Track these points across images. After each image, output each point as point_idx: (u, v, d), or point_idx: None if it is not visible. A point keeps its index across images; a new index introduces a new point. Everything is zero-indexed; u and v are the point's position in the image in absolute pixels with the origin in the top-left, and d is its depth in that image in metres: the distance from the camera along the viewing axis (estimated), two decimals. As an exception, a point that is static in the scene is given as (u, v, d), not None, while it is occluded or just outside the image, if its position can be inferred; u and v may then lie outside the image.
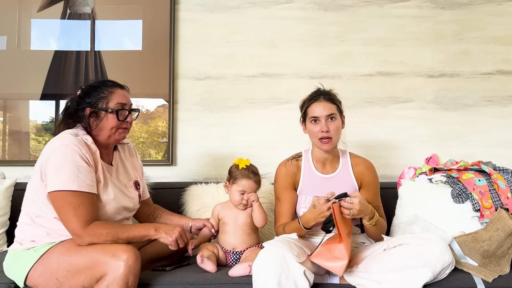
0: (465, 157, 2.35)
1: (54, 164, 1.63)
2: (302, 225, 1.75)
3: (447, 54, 2.62)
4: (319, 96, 1.88)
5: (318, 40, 2.64)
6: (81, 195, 1.62)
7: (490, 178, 2.09)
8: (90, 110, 1.74)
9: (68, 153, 1.63)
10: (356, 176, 1.93)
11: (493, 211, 1.98)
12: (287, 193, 1.93)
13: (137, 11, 2.66)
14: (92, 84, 1.81)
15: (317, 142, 1.87)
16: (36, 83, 2.62)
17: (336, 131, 1.86)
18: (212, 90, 2.65)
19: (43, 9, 2.66)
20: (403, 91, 2.62)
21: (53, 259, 1.61)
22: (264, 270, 1.53)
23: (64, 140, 1.66)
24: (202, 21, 2.66)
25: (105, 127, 1.74)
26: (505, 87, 2.59)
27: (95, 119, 1.74)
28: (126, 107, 1.78)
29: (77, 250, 1.60)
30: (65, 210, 1.60)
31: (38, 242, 1.67)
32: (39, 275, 1.62)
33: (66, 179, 1.60)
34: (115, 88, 1.78)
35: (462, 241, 1.83)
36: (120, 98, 1.76)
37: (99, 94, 1.75)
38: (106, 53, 2.64)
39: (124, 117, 1.76)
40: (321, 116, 1.84)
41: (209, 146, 2.62)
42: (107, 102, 1.74)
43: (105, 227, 1.63)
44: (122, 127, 1.78)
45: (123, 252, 1.55)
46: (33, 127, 2.64)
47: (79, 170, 1.62)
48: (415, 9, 2.63)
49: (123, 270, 1.52)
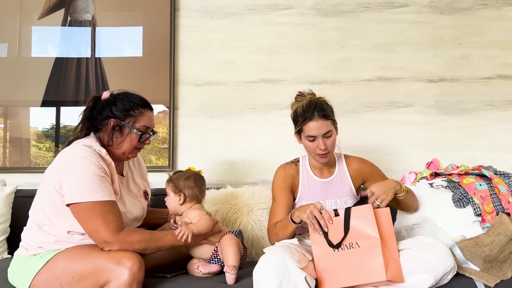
0: (466, 162, 2.35)
1: (74, 176, 1.62)
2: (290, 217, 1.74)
3: (447, 59, 2.62)
4: (313, 113, 1.82)
5: (318, 46, 2.65)
6: (108, 204, 1.62)
7: (491, 182, 2.08)
8: (115, 123, 1.73)
9: (88, 165, 1.63)
10: (352, 175, 1.95)
11: (494, 215, 1.97)
12: (284, 193, 1.93)
13: (138, 17, 2.67)
14: (123, 95, 1.78)
15: (314, 156, 1.89)
16: (37, 90, 2.63)
17: (333, 145, 1.87)
18: (213, 96, 2.65)
19: (44, 16, 2.68)
20: (403, 96, 2.62)
21: (59, 265, 1.61)
22: (265, 276, 1.52)
23: (80, 152, 1.65)
24: (202, 28, 2.67)
25: (125, 145, 1.74)
26: (505, 91, 2.59)
27: (118, 134, 1.74)
28: (149, 130, 1.78)
29: (83, 257, 1.60)
30: (94, 219, 1.60)
31: (45, 248, 1.67)
32: (43, 280, 1.61)
33: (90, 190, 1.60)
34: (145, 110, 1.77)
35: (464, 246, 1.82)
36: (147, 121, 1.77)
37: (129, 111, 1.74)
38: (106, 59, 2.65)
39: (145, 139, 1.78)
40: (318, 135, 1.83)
41: (210, 152, 2.63)
42: (134, 122, 1.74)
43: (136, 235, 1.64)
44: (139, 147, 1.79)
45: (127, 259, 1.55)
46: (34, 134, 2.64)
47: (101, 180, 1.63)
48: (415, 14, 2.64)
49: (127, 277, 1.52)
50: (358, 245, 1.61)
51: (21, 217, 2.08)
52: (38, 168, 2.59)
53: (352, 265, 1.59)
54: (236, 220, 2.22)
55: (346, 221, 1.64)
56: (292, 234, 1.81)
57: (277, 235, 1.82)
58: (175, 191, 1.88)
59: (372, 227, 1.61)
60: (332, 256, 1.62)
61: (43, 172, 1.73)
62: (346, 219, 1.64)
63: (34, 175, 2.58)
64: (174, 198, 1.88)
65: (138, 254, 1.60)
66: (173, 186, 1.88)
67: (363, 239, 1.61)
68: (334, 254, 1.62)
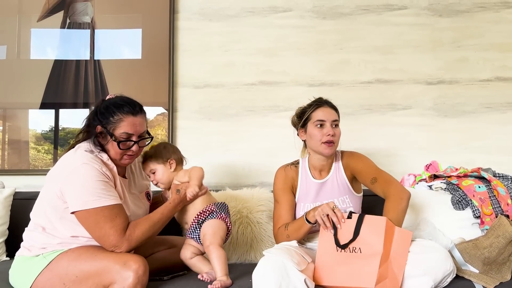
0: (465, 164, 2.35)
1: (77, 183, 1.62)
2: (305, 217, 1.76)
3: (446, 61, 2.63)
4: (323, 103, 1.93)
5: (317, 48, 2.65)
6: (115, 207, 1.63)
7: (490, 184, 2.09)
8: (99, 129, 1.72)
9: (90, 171, 1.63)
10: (345, 170, 1.94)
11: (494, 217, 1.97)
12: (287, 195, 1.93)
13: (137, 20, 2.67)
14: (113, 100, 1.76)
15: (320, 146, 1.88)
16: (36, 92, 2.63)
17: (338, 137, 1.90)
18: (212, 98, 2.65)
19: (43, 18, 2.68)
20: (402, 98, 2.63)
21: (63, 264, 1.61)
22: (265, 279, 1.52)
23: (82, 158, 1.65)
24: (202, 30, 2.68)
25: (111, 152, 1.74)
26: (504, 94, 2.60)
27: (103, 140, 1.74)
28: (133, 137, 1.73)
29: (89, 256, 1.60)
30: (102, 224, 1.60)
31: (48, 249, 1.66)
32: (46, 280, 1.61)
33: (97, 196, 1.60)
34: (127, 116, 1.71)
35: (463, 248, 1.82)
36: (127, 128, 1.71)
37: (109, 117, 1.71)
38: (105, 62, 2.65)
39: (127, 147, 1.73)
40: (327, 120, 1.88)
41: (209, 154, 2.62)
42: (113, 129, 1.71)
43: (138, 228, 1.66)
44: (128, 154, 1.75)
45: (134, 262, 1.55)
46: (33, 136, 2.64)
47: (105, 186, 1.64)
48: (413, 17, 2.65)
49: (132, 280, 1.53)
50: (361, 250, 1.63)
51: (20, 219, 2.08)
52: (37, 170, 2.58)
53: (348, 267, 1.62)
54: (235, 222, 2.22)
55: (357, 226, 1.66)
56: (305, 235, 1.83)
57: (289, 237, 1.81)
58: (163, 162, 1.91)
59: (379, 238, 1.62)
60: (334, 254, 1.66)
61: (42, 174, 1.74)
62: (358, 223, 1.67)
63: (33, 178, 2.57)
64: (165, 169, 1.91)
65: (144, 258, 1.60)
66: (159, 159, 1.91)
67: (367, 247, 1.63)
68: (337, 254, 1.65)
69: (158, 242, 2.03)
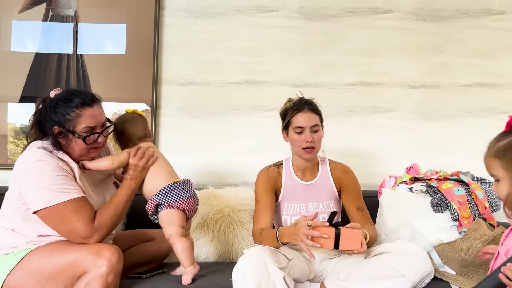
0: (445, 167, 2.39)
1: (34, 181, 1.57)
2: (277, 236, 1.70)
3: (428, 65, 2.66)
4: (303, 106, 1.89)
5: (302, 49, 2.66)
6: (78, 200, 1.59)
7: (469, 188, 2.12)
8: (58, 130, 1.63)
9: (46, 167, 1.57)
10: (335, 181, 1.95)
11: (471, 220, 2.01)
12: (268, 194, 1.91)
13: (121, 15, 2.64)
14: (62, 98, 1.65)
15: (300, 151, 1.88)
16: (16, 85, 2.57)
17: (319, 141, 1.89)
18: (196, 96, 2.64)
19: (25, 10, 2.62)
20: (385, 101, 2.65)
21: (34, 261, 1.57)
22: (245, 276, 1.52)
23: (36, 155, 1.59)
24: (187, 27, 2.66)
25: (76, 150, 1.66)
26: (484, 99, 2.64)
27: (64, 140, 1.65)
28: (96, 129, 1.66)
29: (61, 251, 1.57)
30: (67, 219, 1.56)
31: (19, 247, 1.63)
32: (18, 279, 1.57)
33: (57, 192, 1.56)
34: (83, 109, 1.62)
35: (441, 250, 1.85)
36: (88, 121, 1.63)
37: (65, 116, 1.62)
38: (88, 56, 2.61)
39: (93, 141, 1.66)
40: (306, 127, 1.86)
41: (192, 152, 2.60)
42: (73, 126, 1.62)
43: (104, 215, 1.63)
44: (94, 147, 1.69)
45: (107, 250, 1.53)
46: (11, 130, 2.58)
47: (65, 179, 1.59)
48: (398, 21, 2.68)
49: (105, 268, 1.50)
50: None
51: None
52: (15, 165, 2.53)
53: None
54: (217, 221, 2.21)
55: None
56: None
57: (262, 243, 1.77)
58: None
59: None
60: None
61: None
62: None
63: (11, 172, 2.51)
64: None
65: (118, 247, 1.58)
66: None
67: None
68: None
69: (135, 235, 2.01)
